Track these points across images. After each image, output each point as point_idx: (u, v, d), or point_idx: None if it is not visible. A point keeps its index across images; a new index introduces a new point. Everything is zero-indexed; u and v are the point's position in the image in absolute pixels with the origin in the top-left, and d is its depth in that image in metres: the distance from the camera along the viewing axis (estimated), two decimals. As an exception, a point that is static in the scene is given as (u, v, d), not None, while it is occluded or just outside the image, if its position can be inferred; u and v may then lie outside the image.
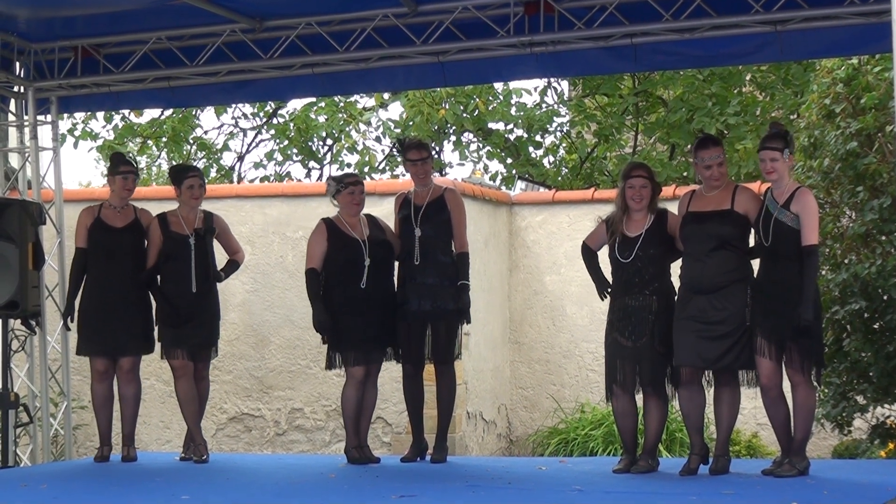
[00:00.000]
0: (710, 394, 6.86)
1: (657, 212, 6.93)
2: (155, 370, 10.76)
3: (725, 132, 13.71)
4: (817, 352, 6.56)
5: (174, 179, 7.97)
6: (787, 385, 6.62)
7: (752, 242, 6.79)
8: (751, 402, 10.95)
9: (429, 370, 7.63)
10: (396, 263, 7.65)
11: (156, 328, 7.83)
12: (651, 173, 7.02)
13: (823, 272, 9.07)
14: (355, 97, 15.40)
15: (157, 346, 7.89)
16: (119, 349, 7.82)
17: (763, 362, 6.51)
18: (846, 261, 8.92)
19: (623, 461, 6.95)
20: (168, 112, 15.71)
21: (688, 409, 6.77)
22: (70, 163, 24.15)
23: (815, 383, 6.60)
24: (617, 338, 6.87)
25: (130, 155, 10.05)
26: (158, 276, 7.83)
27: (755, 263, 6.74)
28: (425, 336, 7.48)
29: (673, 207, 7.05)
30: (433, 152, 15.50)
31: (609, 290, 6.98)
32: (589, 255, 7.11)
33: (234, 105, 15.73)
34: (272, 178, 16.05)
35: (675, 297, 6.81)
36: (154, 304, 7.87)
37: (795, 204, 6.47)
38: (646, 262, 6.83)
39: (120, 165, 7.97)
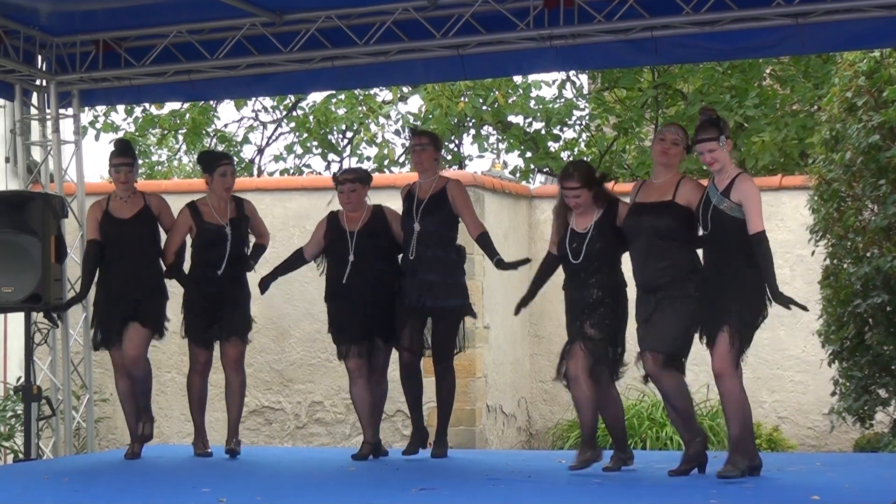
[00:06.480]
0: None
1: (607, 204, 6.66)
2: (176, 363, 10.80)
3: (745, 124, 13.67)
4: (743, 337, 6.18)
5: (205, 167, 7.75)
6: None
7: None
8: (772, 396, 10.98)
9: (429, 363, 7.57)
10: (400, 256, 7.52)
11: (182, 317, 7.70)
12: (587, 179, 6.63)
13: (845, 265, 9.05)
14: (375, 90, 15.41)
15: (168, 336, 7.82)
16: (127, 336, 7.58)
17: (712, 351, 6.24)
18: (868, 254, 8.89)
19: (582, 455, 6.69)
20: (188, 104, 15.74)
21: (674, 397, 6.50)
22: (92, 156, 24.22)
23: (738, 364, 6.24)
24: (577, 328, 6.64)
25: (136, 145, 9.89)
26: (190, 263, 7.70)
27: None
28: (424, 329, 7.38)
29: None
30: (453, 145, 15.65)
31: (525, 304, 6.90)
32: (547, 268, 6.87)
33: (254, 98, 15.75)
34: (292, 171, 16.08)
35: (625, 290, 6.61)
36: (183, 291, 7.73)
37: (736, 192, 6.18)
38: (592, 259, 6.59)
39: (113, 157, 7.76)
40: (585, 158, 15.49)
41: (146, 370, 7.74)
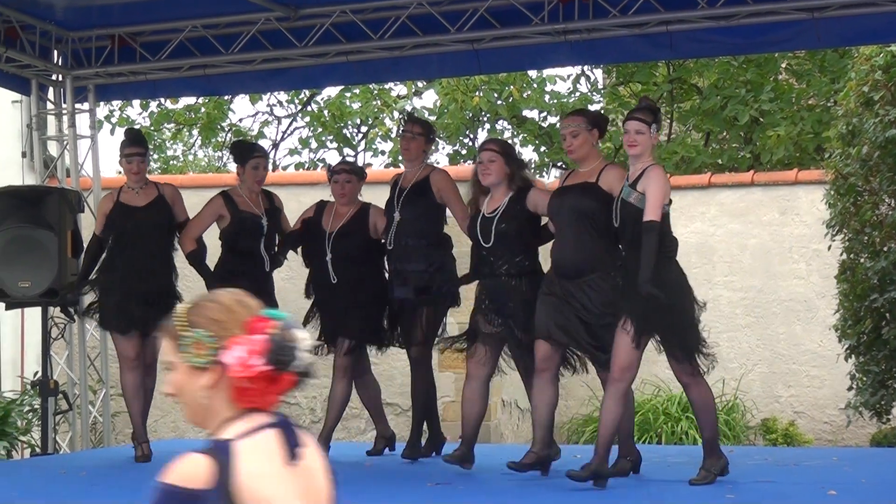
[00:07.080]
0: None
1: (518, 188, 6.55)
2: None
3: (760, 119, 13.63)
4: (691, 340, 5.98)
5: (238, 157, 7.66)
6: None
7: None
8: (787, 391, 10.95)
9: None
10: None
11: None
12: (504, 148, 6.66)
13: (862, 260, 9.02)
14: (389, 85, 15.41)
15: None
16: (147, 329, 7.31)
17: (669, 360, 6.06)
18: (885, 248, 8.86)
19: (458, 451, 6.56)
20: (202, 98, 15.76)
21: (536, 401, 6.33)
22: (108, 151, 24.34)
23: (700, 371, 6.02)
24: (479, 319, 6.53)
25: (151, 139, 9.74)
26: (222, 251, 7.56)
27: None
28: (416, 319, 7.16)
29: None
30: (468, 140, 15.64)
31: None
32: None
33: (268, 93, 15.76)
34: (307, 165, 16.10)
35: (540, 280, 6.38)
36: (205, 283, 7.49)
37: (643, 182, 5.94)
38: (501, 242, 6.46)
39: (124, 147, 7.61)
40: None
41: (153, 383, 7.61)
